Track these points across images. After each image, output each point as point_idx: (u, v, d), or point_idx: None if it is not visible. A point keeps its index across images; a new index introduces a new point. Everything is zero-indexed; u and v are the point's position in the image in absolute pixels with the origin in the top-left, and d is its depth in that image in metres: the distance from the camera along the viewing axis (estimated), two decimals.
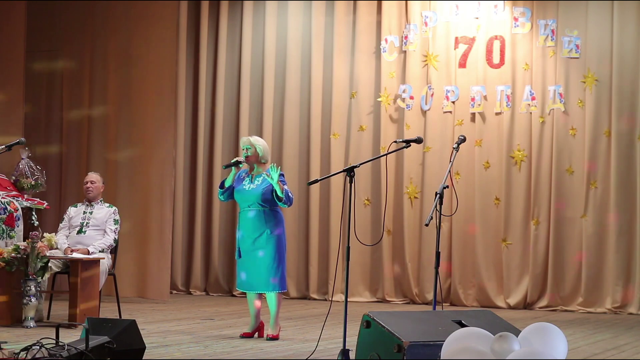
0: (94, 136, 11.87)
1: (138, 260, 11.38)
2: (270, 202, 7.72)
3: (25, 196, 9.42)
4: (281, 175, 7.79)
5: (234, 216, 12.15)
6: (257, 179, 7.78)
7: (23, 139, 9.15)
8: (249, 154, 7.78)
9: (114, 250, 9.03)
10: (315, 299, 11.86)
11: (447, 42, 11.64)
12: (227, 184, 7.86)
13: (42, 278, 8.39)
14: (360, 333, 5.78)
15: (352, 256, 6.43)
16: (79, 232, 8.84)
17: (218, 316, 9.61)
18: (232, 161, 7.86)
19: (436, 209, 6.40)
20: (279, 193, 7.62)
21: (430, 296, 11.10)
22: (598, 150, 11.07)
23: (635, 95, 10.96)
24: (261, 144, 7.86)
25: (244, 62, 12.31)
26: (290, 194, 7.70)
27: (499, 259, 11.35)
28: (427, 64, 11.70)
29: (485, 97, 11.48)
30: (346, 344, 6.18)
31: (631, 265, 10.89)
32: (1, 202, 8.95)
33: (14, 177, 9.59)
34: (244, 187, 7.79)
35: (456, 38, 11.61)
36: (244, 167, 7.89)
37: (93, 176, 9.08)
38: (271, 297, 7.78)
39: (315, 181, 6.91)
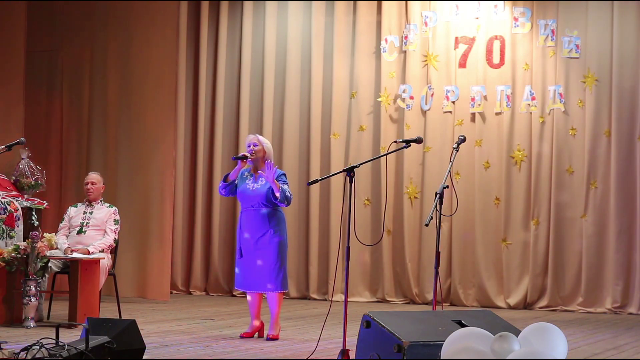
0: (94, 136, 11.88)
1: (138, 260, 11.38)
2: (273, 202, 7.72)
3: (25, 196, 9.42)
4: (283, 175, 7.79)
5: (234, 216, 12.15)
6: (260, 178, 7.78)
7: (23, 139, 9.15)
8: (257, 150, 7.75)
9: (114, 250, 9.03)
10: (315, 299, 11.86)
11: (447, 42, 11.64)
12: (231, 178, 7.81)
13: (42, 278, 8.40)
14: (360, 333, 5.77)
15: (352, 256, 6.43)
16: (79, 232, 8.83)
17: (218, 316, 9.61)
18: (240, 154, 7.82)
19: (436, 209, 6.40)
20: (274, 191, 7.62)
21: (430, 296, 11.10)
22: (598, 150, 11.08)
23: (635, 95, 10.97)
24: (268, 143, 7.86)
25: (244, 62, 12.31)
26: (287, 193, 7.67)
27: (499, 259, 11.35)
28: (427, 64, 11.70)
29: (485, 97, 11.48)
30: (346, 344, 6.18)
31: (631, 265, 10.89)
32: (1, 202, 8.95)
33: (14, 177, 9.59)
34: (247, 186, 7.77)
35: (456, 38, 11.61)
36: (247, 166, 7.87)
37: (93, 177, 9.06)
38: (272, 297, 7.78)
39: (315, 181, 6.91)
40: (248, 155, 7.74)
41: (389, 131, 11.79)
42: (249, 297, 7.88)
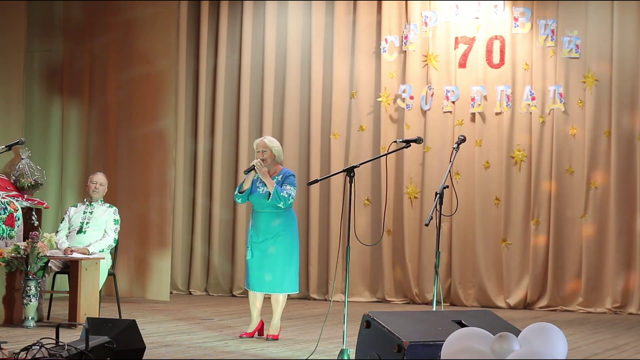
0: (93, 136, 11.87)
1: (138, 260, 11.38)
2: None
3: (25, 196, 9.41)
4: (291, 176, 7.79)
5: (234, 216, 12.16)
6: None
7: (23, 138, 9.15)
8: (265, 157, 7.75)
9: (114, 250, 9.03)
10: (315, 299, 11.86)
11: (447, 42, 11.64)
12: (245, 187, 7.82)
13: (42, 278, 8.40)
14: (360, 333, 5.77)
15: (352, 256, 6.43)
16: (79, 232, 8.83)
17: (218, 316, 9.61)
18: (251, 166, 7.81)
19: (436, 209, 6.40)
20: (269, 189, 7.64)
21: (430, 296, 11.10)
22: (598, 150, 11.08)
23: (635, 95, 10.97)
24: (276, 145, 7.83)
25: (244, 62, 12.31)
26: (282, 193, 7.64)
27: (499, 259, 11.36)
28: (427, 64, 11.70)
29: (485, 97, 11.48)
30: (346, 344, 6.18)
31: (631, 266, 10.89)
32: (1, 202, 8.95)
33: (14, 177, 9.59)
34: (258, 190, 7.77)
35: (456, 38, 11.61)
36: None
37: (101, 178, 9.05)
38: (277, 297, 7.78)
39: (315, 181, 6.92)
40: (257, 165, 7.70)
41: (389, 131, 11.79)
42: (251, 296, 7.86)
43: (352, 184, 6.29)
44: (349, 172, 6.39)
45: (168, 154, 11.36)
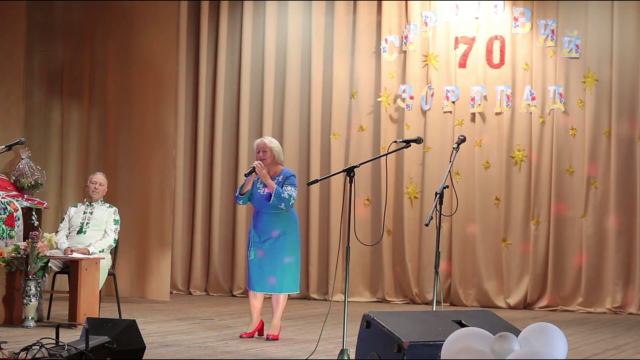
0: (93, 136, 11.87)
1: (138, 260, 11.39)
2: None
3: (25, 196, 9.42)
4: (292, 176, 7.78)
5: (234, 216, 12.16)
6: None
7: (23, 138, 9.14)
8: (266, 157, 7.74)
9: (114, 250, 9.03)
10: (315, 299, 11.86)
11: (447, 42, 11.65)
12: (246, 189, 7.81)
13: (42, 278, 8.40)
14: (360, 333, 5.77)
15: (352, 256, 6.43)
16: (79, 232, 8.83)
17: (218, 316, 9.61)
18: (251, 168, 7.80)
19: (436, 209, 6.40)
20: (270, 190, 7.63)
21: (430, 296, 11.10)
22: (598, 150, 11.08)
23: (635, 96, 10.97)
24: (276, 145, 7.81)
25: (244, 62, 12.31)
26: (284, 195, 7.63)
27: (499, 259, 11.36)
28: (427, 64, 11.70)
29: (485, 97, 11.48)
30: (346, 344, 6.18)
31: (631, 265, 10.89)
32: (1, 202, 8.95)
33: (14, 177, 9.59)
34: (259, 190, 7.77)
35: (456, 38, 11.62)
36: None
37: (100, 178, 9.05)
38: (278, 297, 7.78)
39: (315, 181, 6.92)
40: (257, 167, 7.68)
41: (389, 131, 11.79)
42: (251, 297, 7.86)
43: (352, 184, 6.29)
44: (349, 172, 6.39)
45: (168, 154, 11.37)
